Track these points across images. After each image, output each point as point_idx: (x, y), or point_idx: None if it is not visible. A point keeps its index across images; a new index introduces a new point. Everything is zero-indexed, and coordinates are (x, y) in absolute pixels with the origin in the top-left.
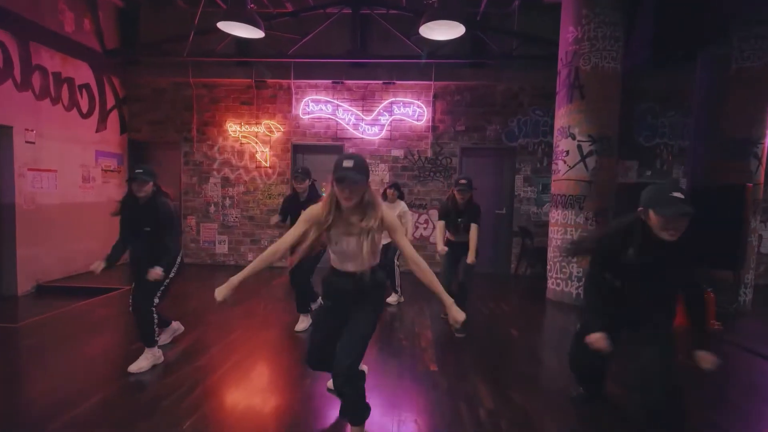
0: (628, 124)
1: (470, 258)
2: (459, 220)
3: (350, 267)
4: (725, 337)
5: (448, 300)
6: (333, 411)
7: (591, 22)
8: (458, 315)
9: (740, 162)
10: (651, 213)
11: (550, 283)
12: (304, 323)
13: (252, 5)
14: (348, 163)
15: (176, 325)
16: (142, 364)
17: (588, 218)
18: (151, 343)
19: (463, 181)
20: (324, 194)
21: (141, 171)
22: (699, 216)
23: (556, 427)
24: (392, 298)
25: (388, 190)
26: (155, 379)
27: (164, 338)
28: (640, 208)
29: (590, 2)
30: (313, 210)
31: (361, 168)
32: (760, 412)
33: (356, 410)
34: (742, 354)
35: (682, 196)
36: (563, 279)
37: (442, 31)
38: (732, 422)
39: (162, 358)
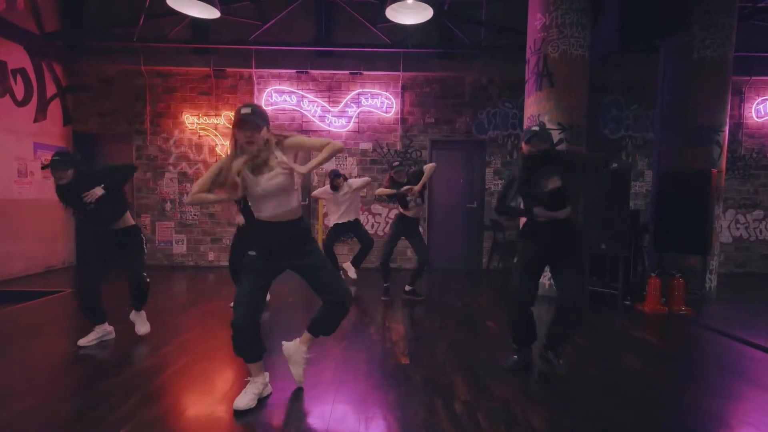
0: (593, 117)
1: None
2: (408, 198)
3: (275, 209)
4: (699, 321)
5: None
6: (291, 417)
7: (559, 9)
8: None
9: (703, 149)
10: (523, 146)
11: None
12: None
13: None
14: (246, 110)
15: (109, 328)
16: (145, 326)
17: None
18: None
19: (395, 164)
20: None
21: (58, 158)
22: (666, 200)
23: (537, 417)
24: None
25: (336, 180)
26: (88, 384)
27: (90, 338)
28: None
29: None
30: (222, 159)
31: (259, 113)
32: (737, 390)
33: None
34: (716, 337)
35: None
36: None
37: (409, 14)
38: (712, 401)
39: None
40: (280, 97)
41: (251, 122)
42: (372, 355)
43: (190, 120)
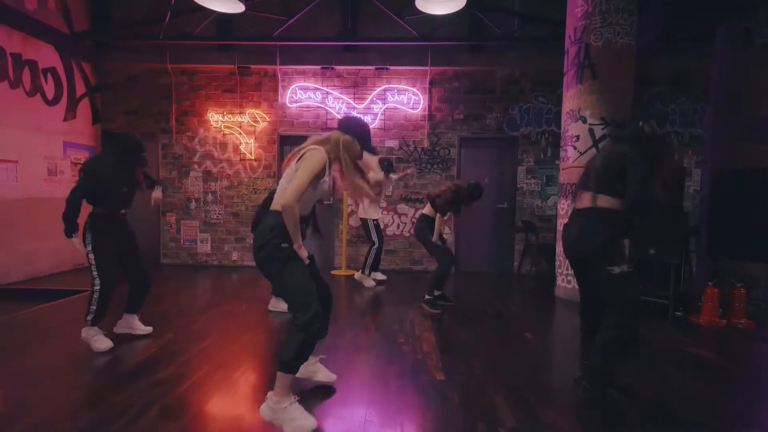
0: (635, 112)
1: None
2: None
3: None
4: (762, 336)
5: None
6: (327, 426)
7: None
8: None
9: (765, 145)
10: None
11: (560, 281)
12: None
13: None
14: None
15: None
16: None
17: None
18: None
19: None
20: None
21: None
22: (723, 201)
23: None
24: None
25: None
26: (105, 394)
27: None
28: None
29: None
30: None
31: None
32: None
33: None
34: None
35: None
36: (574, 275)
37: (441, 3)
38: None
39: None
40: (305, 93)
41: None
42: (403, 368)
43: (215, 118)
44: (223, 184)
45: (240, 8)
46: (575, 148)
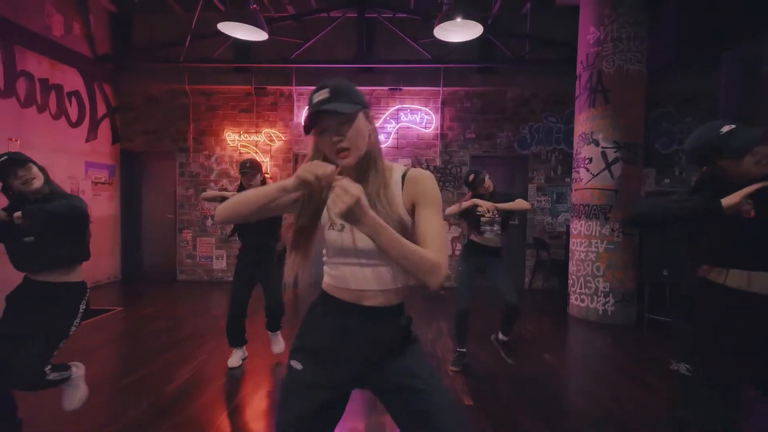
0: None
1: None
2: (479, 213)
3: (363, 285)
4: None
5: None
6: None
7: (614, 22)
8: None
9: None
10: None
11: (573, 299)
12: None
13: (253, 5)
14: (322, 94)
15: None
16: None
17: (614, 229)
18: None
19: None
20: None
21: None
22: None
23: None
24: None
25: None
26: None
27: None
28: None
29: (613, 1)
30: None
31: (347, 93)
32: None
33: None
34: None
35: None
36: (588, 294)
37: (458, 32)
38: None
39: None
40: None
41: (334, 111)
42: None
43: (232, 137)
44: None
45: (263, 36)
46: (588, 170)
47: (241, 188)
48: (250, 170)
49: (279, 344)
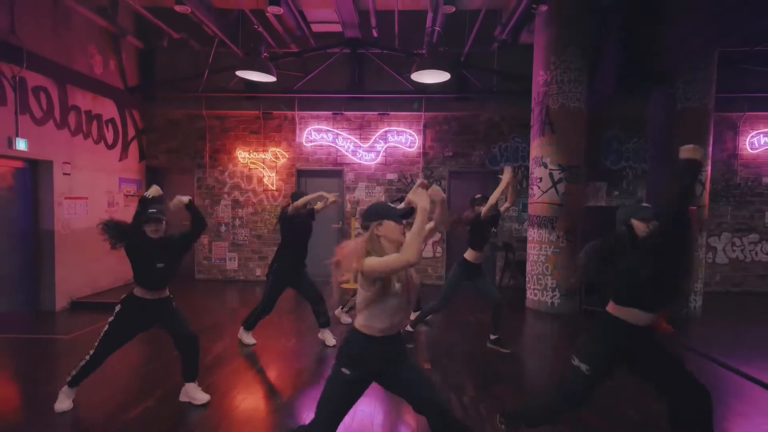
0: (596, 150)
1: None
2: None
3: (398, 319)
4: (677, 341)
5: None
6: None
7: (558, 68)
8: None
9: None
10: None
11: (529, 294)
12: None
13: (265, 53)
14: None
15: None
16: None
17: (559, 236)
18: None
19: (478, 196)
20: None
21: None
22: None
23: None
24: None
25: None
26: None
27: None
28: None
29: (557, 50)
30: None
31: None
32: None
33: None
34: (691, 356)
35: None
36: (540, 289)
37: (431, 76)
38: (656, 401)
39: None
40: (318, 135)
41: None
42: None
43: (242, 155)
44: (248, 211)
45: (272, 79)
46: (539, 188)
47: (284, 213)
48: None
49: (330, 339)
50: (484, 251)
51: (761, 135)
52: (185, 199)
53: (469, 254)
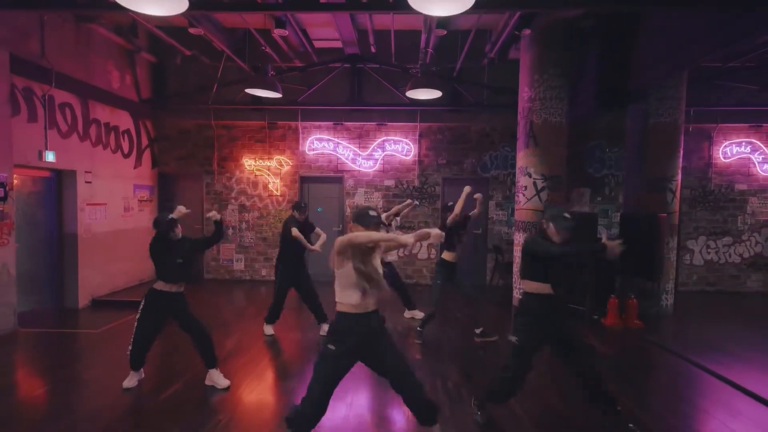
0: (580, 159)
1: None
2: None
3: (368, 298)
4: (646, 336)
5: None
6: None
7: (541, 86)
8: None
9: (659, 195)
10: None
11: (516, 293)
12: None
13: (271, 72)
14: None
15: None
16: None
17: None
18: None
19: (450, 203)
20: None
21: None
22: (628, 236)
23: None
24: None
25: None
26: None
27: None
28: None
29: (540, 69)
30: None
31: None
32: (648, 383)
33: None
34: (657, 350)
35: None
36: None
37: (424, 93)
38: (621, 388)
39: None
40: (320, 143)
41: None
42: None
43: (248, 162)
44: (254, 215)
45: (278, 95)
46: (524, 195)
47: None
48: (306, 207)
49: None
50: (457, 251)
51: (733, 145)
52: (217, 216)
53: (446, 255)
